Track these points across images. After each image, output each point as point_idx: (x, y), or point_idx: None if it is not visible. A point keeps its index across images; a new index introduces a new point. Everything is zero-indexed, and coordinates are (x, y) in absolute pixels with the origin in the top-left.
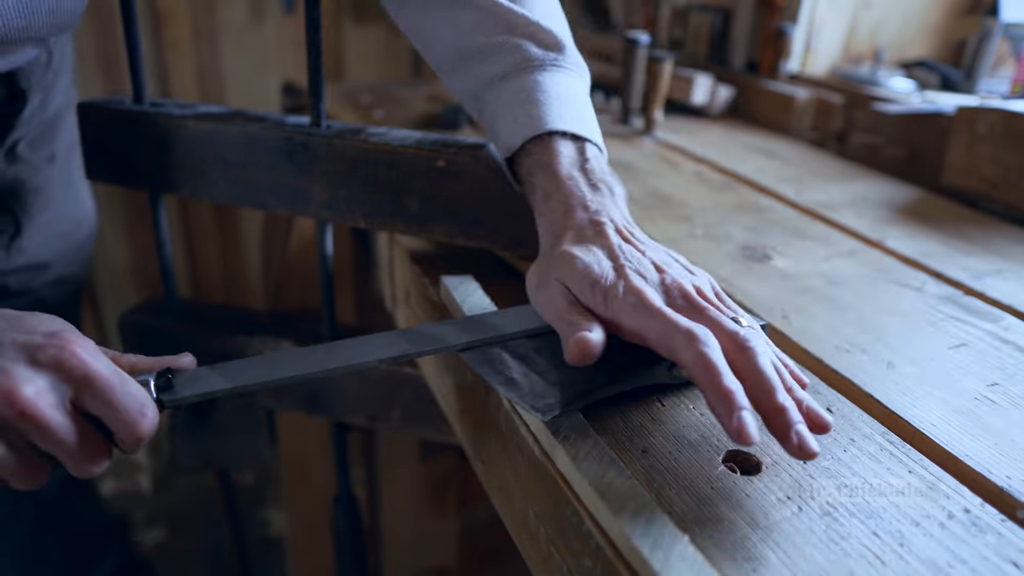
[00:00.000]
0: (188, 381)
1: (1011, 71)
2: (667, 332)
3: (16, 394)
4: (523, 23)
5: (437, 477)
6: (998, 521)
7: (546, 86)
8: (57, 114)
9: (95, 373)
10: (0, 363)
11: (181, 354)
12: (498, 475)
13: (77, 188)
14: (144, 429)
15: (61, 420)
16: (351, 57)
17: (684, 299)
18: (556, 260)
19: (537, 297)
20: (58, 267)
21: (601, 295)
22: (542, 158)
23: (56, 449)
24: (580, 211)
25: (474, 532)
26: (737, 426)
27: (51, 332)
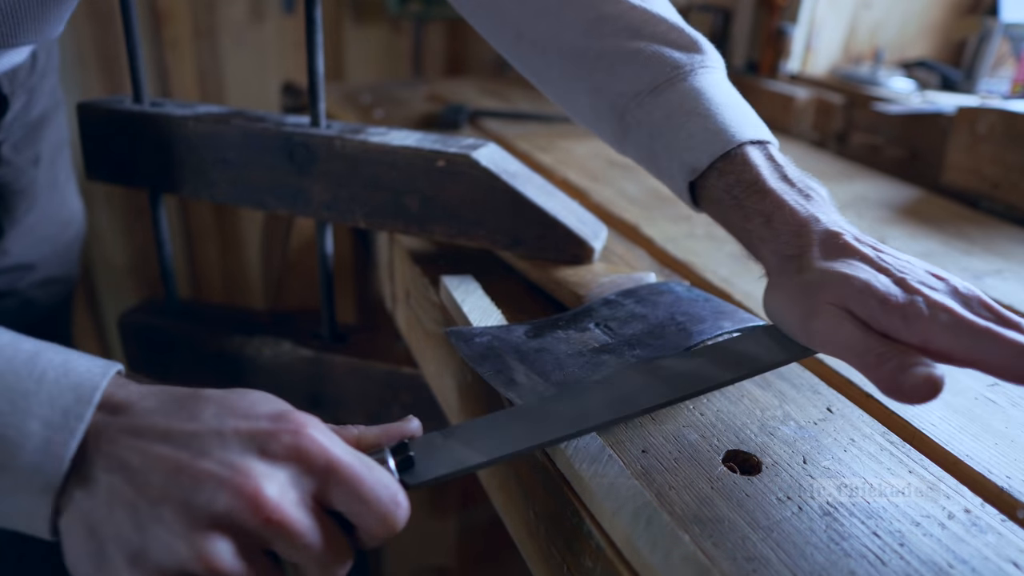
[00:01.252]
0: (428, 453)
1: (1011, 71)
2: (1016, 357)
3: (261, 497)
4: (653, 23)
5: None
6: (998, 521)
7: (708, 94)
8: (42, 116)
9: (339, 462)
10: (230, 459)
11: (407, 419)
12: (498, 475)
13: (63, 189)
14: (399, 520)
15: (308, 522)
16: (351, 57)
17: (986, 310)
18: (819, 282)
19: (812, 326)
20: (45, 268)
21: (899, 316)
22: (744, 176)
23: (301, 555)
24: (813, 225)
25: (474, 532)
26: None
27: (276, 414)
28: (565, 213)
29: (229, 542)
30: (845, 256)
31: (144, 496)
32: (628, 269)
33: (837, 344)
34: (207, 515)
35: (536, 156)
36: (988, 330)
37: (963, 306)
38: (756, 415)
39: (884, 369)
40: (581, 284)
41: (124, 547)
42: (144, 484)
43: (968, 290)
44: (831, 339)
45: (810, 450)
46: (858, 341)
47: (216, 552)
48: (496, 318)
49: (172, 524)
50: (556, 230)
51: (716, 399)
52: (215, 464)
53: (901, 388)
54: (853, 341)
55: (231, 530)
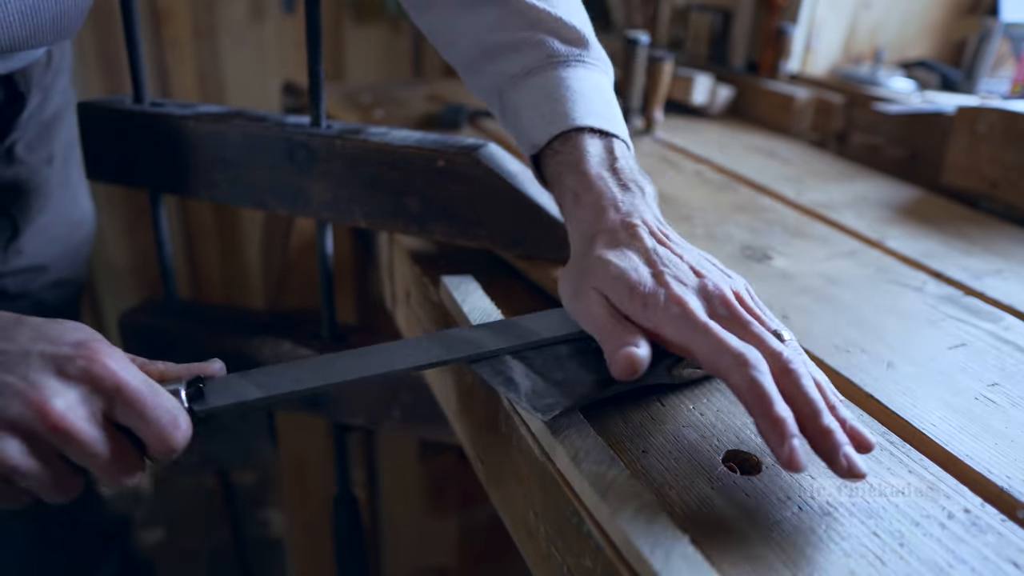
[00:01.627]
0: (219, 390)
1: (1011, 71)
2: (715, 352)
3: (47, 408)
4: (546, 18)
5: (437, 477)
6: (998, 521)
7: (571, 82)
8: (56, 115)
9: (126, 384)
10: (29, 376)
11: (210, 360)
12: (498, 475)
13: (75, 189)
14: (177, 440)
15: (93, 433)
16: (351, 57)
17: (726, 308)
18: (591, 267)
19: (574, 307)
20: (57, 269)
21: (640, 303)
22: (570, 157)
23: (89, 462)
24: (612, 212)
25: (474, 532)
26: (788, 455)
27: (79, 342)
28: None
29: (20, 442)
30: (625, 246)
31: None
32: None
33: (587, 321)
34: (1, 419)
35: None
36: (704, 326)
37: (703, 302)
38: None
39: (607, 345)
40: None
41: None
42: None
43: (716, 288)
44: (585, 317)
45: (810, 450)
46: (603, 321)
47: (4, 447)
48: (496, 318)
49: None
50: (557, 230)
51: (716, 399)
52: (15, 378)
53: (612, 361)
54: (600, 320)
55: (23, 434)
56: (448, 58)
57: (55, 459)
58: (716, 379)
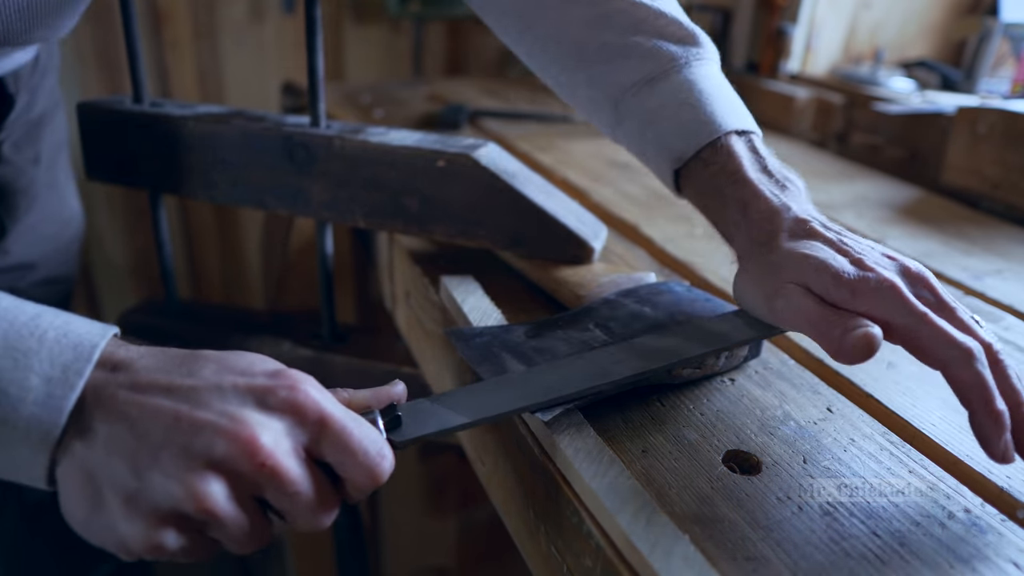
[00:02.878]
0: (414, 416)
1: (1011, 71)
2: (939, 343)
3: (256, 444)
4: (650, 16)
5: (437, 477)
6: (998, 521)
7: (700, 85)
8: (43, 115)
9: (331, 416)
10: (229, 410)
11: (393, 383)
12: (498, 475)
13: (63, 189)
14: (384, 473)
15: (299, 470)
16: (351, 57)
17: (930, 292)
18: (783, 263)
19: (773, 306)
20: (45, 268)
21: (848, 290)
22: (727, 166)
23: (290, 502)
24: (784, 213)
25: (474, 532)
26: (1004, 449)
27: (273, 372)
28: (565, 213)
29: (223, 485)
30: (810, 239)
31: (143, 443)
32: (628, 269)
33: (795, 316)
34: (204, 459)
35: (536, 156)
36: (923, 313)
37: (909, 286)
38: (756, 415)
39: (831, 333)
40: (581, 284)
41: (120, 490)
42: (144, 432)
43: (918, 270)
44: (791, 313)
45: (810, 450)
46: (812, 312)
47: (210, 492)
48: (496, 318)
49: (168, 467)
50: (556, 230)
51: (716, 399)
52: (214, 414)
53: (843, 348)
54: (808, 312)
55: (226, 474)
56: (530, 61)
57: (252, 503)
58: (716, 379)
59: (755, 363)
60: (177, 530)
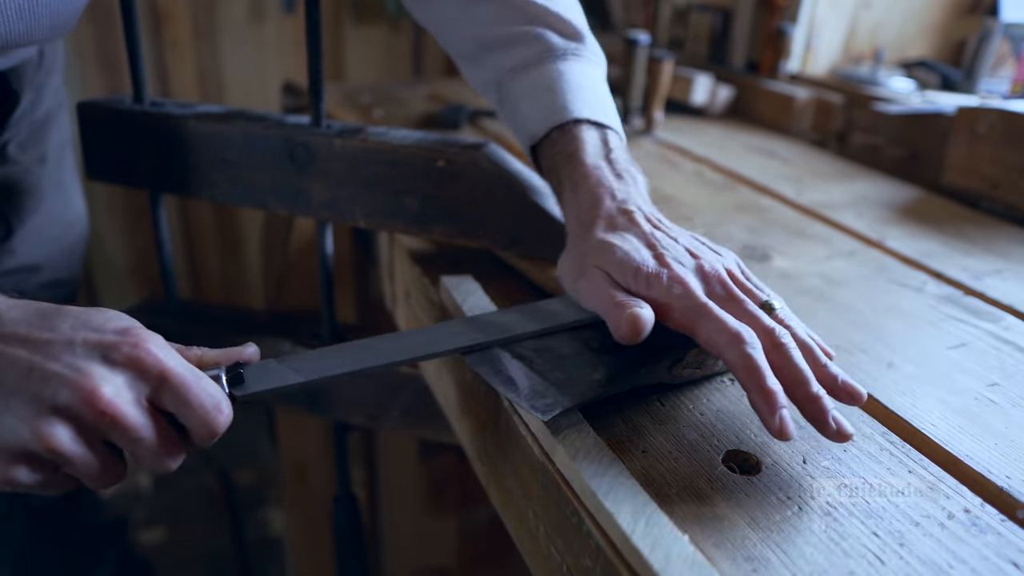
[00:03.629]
0: (258, 375)
1: (1011, 71)
2: (715, 331)
3: (97, 394)
4: (543, 13)
5: (437, 477)
6: (998, 521)
7: (568, 75)
8: (48, 114)
9: (171, 370)
10: (76, 363)
11: (245, 344)
12: (498, 475)
13: (68, 189)
14: (220, 424)
15: (140, 418)
16: (351, 57)
17: (721, 287)
18: (593, 248)
19: (578, 286)
20: (50, 269)
21: (644, 282)
22: (568, 148)
23: (134, 446)
24: (608, 199)
25: (473, 532)
26: (779, 425)
27: (122, 329)
28: None
29: (68, 428)
30: (624, 230)
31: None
32: None
33: (592, 297)
34: (50, 405)
35: None
36: (704, 306)
37: (702, 283)
38: (756, 415)
39: (614, 313)
40: None
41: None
42: (0, 380)
43: (713, 269)
44: (590, 294)
45: (810, 450)
46: (606, 294)
47: (54, 433)
48: None
49: (18, 412)
50: (556, 230)
51: (716, 399)
52: (62, 366)
53: (618, 324)
54: (603, 294)
55: (71, 420)
56: (448, 50)
57: (101, 445)
58: (716, 379)
59: None
60: (29, 467)
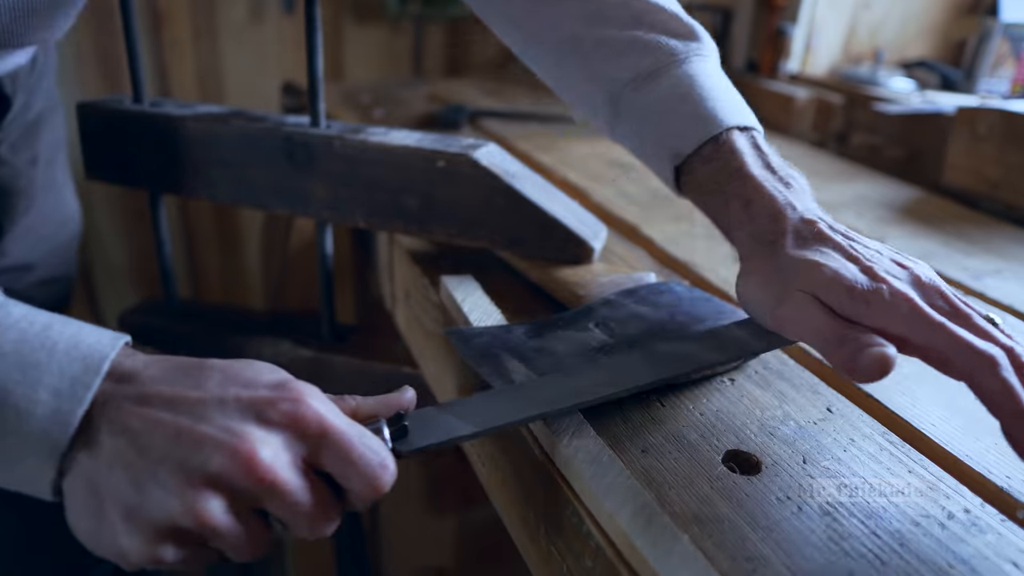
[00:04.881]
0: (422, 425)
1: (1011, 71)
2: (961, 353)
3: (255, 459)
4: (650, 10)
5: (437, 477)
6: (998, 521)
7: (700, 80)
8: (40, 116)
9: (333, 428)
10: (230, 424)
11: (402, 390)
12: (498, 475)
13: (61, 190)
14: (385, 484)
15: (298, 483)
16: (351, 57)
17: (942, 299)
18: (791, 269)
19: (781, 313)
20: (43, 269)
21: (863, 302)
22: (730, 162)
23: (289, 513)
24: (789, 212)
25: (473, 532)
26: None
27: (277, 383)
28: (565, 213)
29: (221, 500)
30: (818, 244)
31: (144, 457)
32: (628, 269)
33: (803, 327)
34: (202, 474)
35: (536, 156)
36: (941, 324)
37: (923, 296)
38: (756, 415)
39: (844, 349)
40: (581, 284)
41: (121, 503)
42: (145, 446)
43: (930, 280)
44: (798, 323)
45: (810, 450)
46: (823, 324)
47: (208, 507)
48: (496, 318)
49: (167, 482)
50: (556, 230)
51: (716, 399)
52: (214, 429)
53: (856, 366)
54: (818, 324)
55: (224, 489)
56: (519, 50)
57: (250, 514)
58: (716, 379)
59: (755, 363)
60: (176, 543)
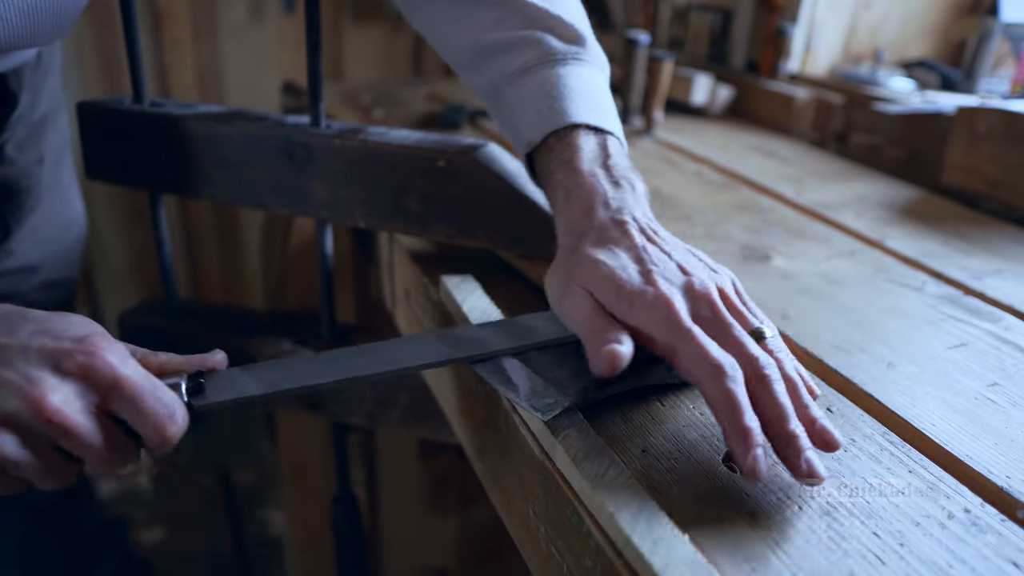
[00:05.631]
0: (219, 384)
1: (1011, 71)
2: (695, 359)
3: (43, 403)
4: (544, 16)
5: (437, 477)
6: (998, 521)
7: (568, 80)
8: (46, 115)
9: (123, 379)
10: (27, 371)
11: (212, 352)
12: (498, 474)
13: (67, 190)
14: (171, 434)
15: (88, 425)
16: (351, 57)
17: (709, 308)
18: (579, 264)
19: (561, 304)
20: (48, 270)
21: (627, 302)
22: (564, 154)
23: (83, 452)
24: (601, 209)
25: (474, 532)
26: (751, 465)
27: (80, 337)
28: None
29: (14, 436)
30: (614, 243)
31: None
32: None
33: (573, 319)
34: (1, 412)
35: None
36: (687, 331)
37: (689, 303)
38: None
39: (593, 341)
40: None
41: None
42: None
43: (702, 286)
44: (571, 314)
45: None
46: (588, 318)
47: (1, 441)
48: (496, 318)
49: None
50: (555, 230)
51: None
52: (14, 373)
53: (595, 358)
54: (585, 316)
55: (17, 428)
56: (446, 57)
57: (49, 450)
58: None
59: None
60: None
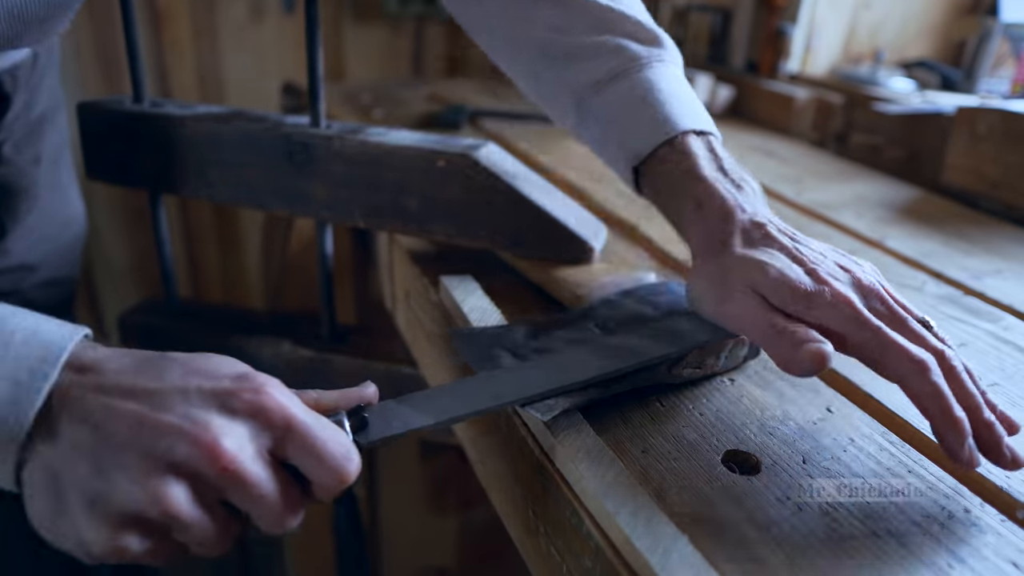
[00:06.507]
0: (381, 418)
1: (1011, 71)
2: (893, 357)
3: (218, 448)
4: (618, 19)
5: (437, 477)
6: (998, 521)
7: (660, 84)
8: (43, 115)
9: (296, 419)
10: (192, 413)
11: (364, 385)
12: (498, 475)
13: (65, 190)
14: (351, 475)
15: (263, 474)
16: (351, 57)
17: (881, 303)
18: (735, 267)
19: (725, 309)
20: (47, 269)
21: (805, 302)
22: (682, 164)
23: (255, 505)
24: (739, 214)
25: (474, 532)
26: (968, 455)
27: (239, 375)
28: (565, 213)
29: (185, 488)
30: (765, 245)
31: (106, 445)
32: (628, 269)
33: (746, 322)
34: (165, 462)
35: (536, 156)
36: (877, 327)
37: (862, 299)
38: (755, 415)
39: (784, 342)
40: (581, 284)
41: (84, 493)
42: (107, 434)
43: (870, 283)
44: (742, 317)
45: (810, 450)
46: (764, 319)
47: (171, 495)
48: (496, 318)
49: (131, 470)
50: (556, 230)
51: (716, 399)
52: (176, 417)
53: (795, 359)
54: (760, 319)
55: (188, 478)
56: (498, 60)
57: (218, 505)
58: (716, 379)
59: (755, 363)
60: (140, 533)
